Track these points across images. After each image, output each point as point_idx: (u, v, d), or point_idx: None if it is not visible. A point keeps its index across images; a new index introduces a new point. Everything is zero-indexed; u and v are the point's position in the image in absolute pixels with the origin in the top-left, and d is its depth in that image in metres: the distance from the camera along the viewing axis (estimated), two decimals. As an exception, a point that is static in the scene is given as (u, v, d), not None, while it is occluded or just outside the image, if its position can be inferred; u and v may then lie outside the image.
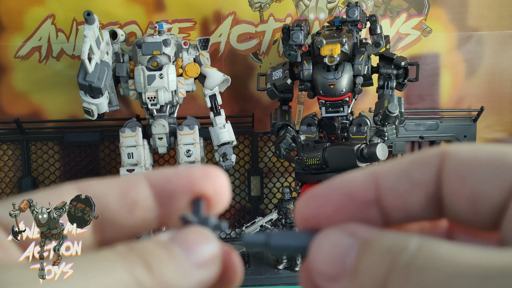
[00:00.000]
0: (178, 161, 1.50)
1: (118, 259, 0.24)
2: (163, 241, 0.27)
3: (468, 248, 0.23)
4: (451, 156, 0.26)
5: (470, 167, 0.25)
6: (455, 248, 0.23)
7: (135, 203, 0.29)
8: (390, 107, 1.35)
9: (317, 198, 0.28)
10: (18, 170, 1.73)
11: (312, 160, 1.38)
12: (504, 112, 1.76)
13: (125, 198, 0.29)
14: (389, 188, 0.27)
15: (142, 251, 0.25)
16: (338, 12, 1.68)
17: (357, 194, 0.27)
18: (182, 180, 0.29)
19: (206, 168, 0.30)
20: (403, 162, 0.27)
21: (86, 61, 1.27)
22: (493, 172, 0.25)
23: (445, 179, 0.26)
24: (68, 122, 1.72)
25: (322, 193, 0.28)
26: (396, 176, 0.27)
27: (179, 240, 0.27)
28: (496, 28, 1.70)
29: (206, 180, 0.29)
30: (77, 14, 1.63)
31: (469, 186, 0.25)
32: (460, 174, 0.26)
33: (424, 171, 0.26)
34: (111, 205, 0.28)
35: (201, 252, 0.27)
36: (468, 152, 0.26)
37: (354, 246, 0.26)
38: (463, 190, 0.26)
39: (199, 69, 1.49)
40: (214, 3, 1.66)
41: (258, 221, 1.52)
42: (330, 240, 0.26)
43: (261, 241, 0.28)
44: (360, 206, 0.27)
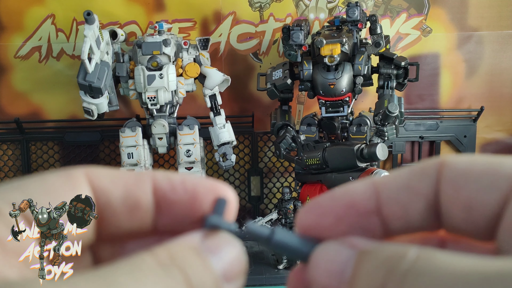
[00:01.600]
0: (178, 161, 1.50)
1: (161, 273, 0.24)
2: (197, 246, 0.26)
3: (465, 256, 0.23)
4: (448, 166, 0.27)
5: (466, 177, 0.26)
6: (453, 256, 0.23)
7: (137, 204, 0.29)
8: (390, 107, 1.35)
9: (318, 209, 0.29)
10: (18, 170, 1.73)
11: (312, 160, 1.38)
12: (504, 112, 1.76)
13: (128, 198, 0.29)
14: (389, 198, 0.28)
15: (181, 262, 0.25)
16: (338, 12, 1.68)
17: (358, 204, 0.28)
18: (187, 193, 0.29)
19: (213, 184, 0.30)
20: (402, 172, 0.28)
21: (86, 61, 1.27)
22: (487, 182, 0.25)
23: (442, 189, 0.27)
24: (68, 122, 1.72)
25: (323, 204, 0.29)
26: (396, 186, 0.28)
27: (214, 250, 0.27)
28: (496, 28, 1.70)
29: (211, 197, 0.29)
30: (77, 14, 1.63)
31: (465, 196, 0.26)
32: (456, 184, 0.26)
33: (423, 181, 0.27)
34: (113, 202, 0.28)
35: (233, 266, 0.27)
36: (464, 162, 0.26)
37: (352, 257, 0.26)
38: (459, 199, 0.26)
39: (199, 69, 1.49)
40: (214, 3, 1.66)
41: (258, 221, 1.51)
42: (330, 253, 0.27)
43: (265, 234, 0.28)
44: (361, 216, 0.28)
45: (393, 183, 0.28)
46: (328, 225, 0.28)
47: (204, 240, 0.27)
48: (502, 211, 0.25)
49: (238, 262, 0.27)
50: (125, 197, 0.29)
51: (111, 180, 0.29)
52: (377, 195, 0.28)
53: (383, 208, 0.28)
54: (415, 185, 0.27)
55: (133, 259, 0.25)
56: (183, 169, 1.49)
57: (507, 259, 0.22)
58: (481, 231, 0.26)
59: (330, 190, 0.29)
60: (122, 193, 0.29)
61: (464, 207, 0.26)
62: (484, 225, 0.26)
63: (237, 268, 0.27)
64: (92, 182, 0.28)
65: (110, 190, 0.28)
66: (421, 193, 0.27)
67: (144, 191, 0.29)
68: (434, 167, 0.27)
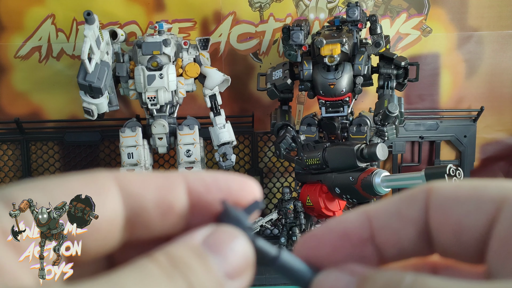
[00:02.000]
0: (178, 161, 1.50)
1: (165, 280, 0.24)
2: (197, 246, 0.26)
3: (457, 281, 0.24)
4: (435, 192, 0.27)
5: (453, 202, 0.27)
6: (446, 281, 0.24)
7: (170, 208, 0.28)
8: (390, 107, 1.35)
9: (313, 240, 0.29)
10: (18, 170, 1.73)
11: (312, 160, 1.38)
12: (504, 112, 1.76)
13: (162, 202, 0.28)
14: (381, 226, 0.28)
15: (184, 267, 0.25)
16: (338, 12, 1.68)
17: (352, 233, 0.29)
18: (221, 191, 0.29)
19: (244, 180, 0.30)
20: (393, 200, 0.29)
21: (86, 61, 1.27)
22: (473, 206, 0.26)
23: (431, 215, 0.27)
24: (68, 122, 1.72)
25: (318, 235, 0.29)
26: (387, 214, 0.28)
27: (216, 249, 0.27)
28: (496, 28, 1.70)
29: (244, 192, 0.30)
30: (77, 14, 1.63)
31: (453, 220, 0.27)
32: (444, 209, 0.27)
33: (412, 207, 0.28)
34: (147, 207, 0.28)
35: (237, 263, 0.27)
36: (451, 187, 0.27)
37: (352, 284, 0.27)
38: (447, 224, 0.27)
39: (199, 69, 1.49)
40: (214, 3, 1.66)
41: (258, 221, 1.51)
42: (330, 280, 0.28)
43: (271, 254, 0.28)
44: (355, 245, 0.29)
45: (384, 210, 0.28)
46: (325, 255, 0.29)
47: (207, 237, 0.27)
48: (489, 234, 0.26)
49: (243, 258, 0.27)
50: (158, 201, 0.28)
51: (142, 185, 0.28)
52: (370, 224, 0.28)
53: (376, 236, 0.28)
54: (405, 211, 0.28)
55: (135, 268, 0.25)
56: (183, 169, 1.49)
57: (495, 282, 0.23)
58: (471, 254, 0.27)
59: (324, 222, 0.30)
60: (155, 197, 0.28)
61: (453, 231, 0.27)
62: (474, 248, 0.26)
63: (242, 264, 0.27)
64: (123, 187, 0.28)
65: (143, 195, 0.28)
66: (411, 220, 0.28)
67: (178, 194, 0.29)
68: (422, 193, 0.28)
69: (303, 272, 0.28)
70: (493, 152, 1.79)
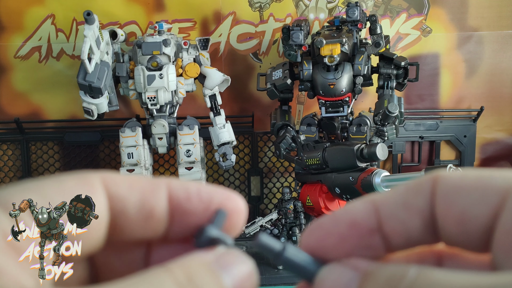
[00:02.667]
0: (178, 161, 1.50)
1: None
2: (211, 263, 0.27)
3: (461, 273, 0.24)
4: (441, 181, 0.27)
5: (458, 192, 0.27)
6: (450, 273, 0.24)
7: (151, 212, 0.29)
8: (390, 107, 1.35)
9: (321, 230, 0.29)
10: (18, 170, 1.73)
11: (312, 160, 1.38)
12: (504, 112, 1.76)
13: (144, 206, 0.29)
14: (389, 216, 0.28)
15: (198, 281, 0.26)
16: (338, 12, 1.68)
17: (359, 223, 0.29)
18: (202, 203, 0.29)
19: (227, 194, 0.30)
20: (399, 189, 0.29)
21: (86, 61, 1.27)
22: (478, 196, 0.26)
23: (437, 204, 0.27)
24: (68, 122, 1.72)
25: (325, 225, 0.29)
26: (394, 203, 0.28)
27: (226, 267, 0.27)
28: (496, 28, 1.70)
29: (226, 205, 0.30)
30: (77, 14, 1.63)
31: (458, 210, 0.27)
32: (449, 198, 0.27)
33: (418, 197, 0.28)
34: (129, 210, 0.28)
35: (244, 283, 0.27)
36: (456, 177, 0.27)
37: (356, 278, 0.27)
38: (453, 213, 0.27)
39: (199, 69, 1.49)
40: (214, 3, 1.66)
41: (258, 221, 1.51)
42: (334, 275, 0.28)
43: (276, 248, 0.28)
44: (363, 234, 0.29)
45: (391, 200, 0.29)
46: (332, 246, 0.29)
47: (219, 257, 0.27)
48: (494, 224, 0.26)
49: (249, 280, 0.28)
50: (141, 204, 0.28)
51: (127, 187, 0.28)
52: (377, 213, 0.29)
53: (383, 225, 0.28)
54: (412, 201, 0.28)
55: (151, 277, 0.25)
56: (183, 169, 1.49)
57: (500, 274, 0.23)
58: (476, 243, 0.27)
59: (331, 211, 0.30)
60: (138, 200, 0.28)
61: (458, 221, 0.27)
62: (478, 238, 0.27)
63: (248, 284, 0.28)
64: (108, 188, 0.28)
65: (127, 197, 0.28)
66: (418, 209, 0.28)
67: (159, 199, 0.29)
68: (428, 183, 0.28)
69: (308, 266, 0.28)
70: (493, 152, 1.79)
